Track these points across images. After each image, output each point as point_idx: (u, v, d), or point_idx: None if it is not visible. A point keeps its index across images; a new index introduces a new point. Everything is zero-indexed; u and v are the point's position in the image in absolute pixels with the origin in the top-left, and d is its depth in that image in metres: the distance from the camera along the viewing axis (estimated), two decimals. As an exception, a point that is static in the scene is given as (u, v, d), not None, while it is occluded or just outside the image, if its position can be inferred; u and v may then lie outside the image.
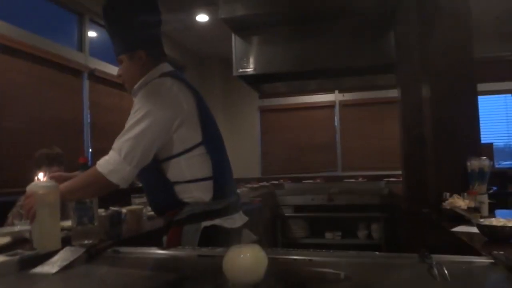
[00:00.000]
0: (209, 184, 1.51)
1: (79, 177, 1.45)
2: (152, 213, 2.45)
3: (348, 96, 5.78)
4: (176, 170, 1.49)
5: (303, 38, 3.46)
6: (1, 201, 2.66)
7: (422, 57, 2.49)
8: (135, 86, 1.56)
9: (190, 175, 1.50)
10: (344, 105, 5.81)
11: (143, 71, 1.56)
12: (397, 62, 3.17)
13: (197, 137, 1.50)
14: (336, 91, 5.71)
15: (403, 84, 3.11)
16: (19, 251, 1.29)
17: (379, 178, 4.95)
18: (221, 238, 1.48)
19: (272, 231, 4.32)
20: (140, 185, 1.66)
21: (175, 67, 1.68)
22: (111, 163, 1.39)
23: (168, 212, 1.54)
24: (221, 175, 1.55)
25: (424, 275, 0.95)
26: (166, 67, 1.60)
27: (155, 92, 1.48)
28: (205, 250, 1.31)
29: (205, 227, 1.48)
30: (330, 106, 5.85)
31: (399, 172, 3.39)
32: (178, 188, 1.50)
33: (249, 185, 4.82)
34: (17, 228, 1.80)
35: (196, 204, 1.50)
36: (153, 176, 1.53)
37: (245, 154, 5.92)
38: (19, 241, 1.64)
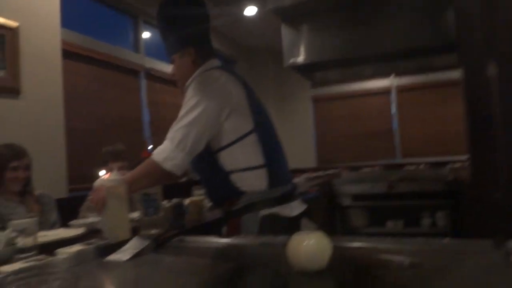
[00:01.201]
0: (263, 172, 1.52)
1: (138, 168, 1.51)
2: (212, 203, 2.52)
3: (405, 80, 5.55)
4: (231, 159, 1.52)
5: (355, 22, 3.36)
6: (73, 197, 2.85)
7: (487, 33, 2.33)
8: (187, 83, 1.59)
9: (244, 163, 1.52)
10: (401, 89, 5.59)
11: (193, 67, 1.60)
12: (458, 40, 2.99)
13: (249, 125, 1.52)
14: (392, 76, 5.50)
15: (467, 63, 2.93)
16: (93, 240, 1.37)
17: (443, 164, 4.71)
18: (280, 226, 1.49)
19: (330, 221, 4.27)
20: (198, 178, 1.70)
21: (226, 61, 1.71)
22: (165, 151, 1.44)
23: (226, 202, 1.57)
24: (274, 162, 1.55)
25: (500, 262, 0.90)
26: (215, 62, 1.63)
27: (205, 83, 1.52)
28: (267, 239, 1.32)
29: (264, 216, 1.49)
30: (386, 91, 5.66)
31: (465, 157, 3.21)
32: (234, 177, 1.52)
33: (306, 175, 4.80)
34: (89, 220, 1.92)
35: (253, 193, 1.51)
36: (209, 167, 1.56)
37: (300, 144, 5.88)
38: (92, 232, 1.76)
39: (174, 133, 1.46)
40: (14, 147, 2.13)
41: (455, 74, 3.76)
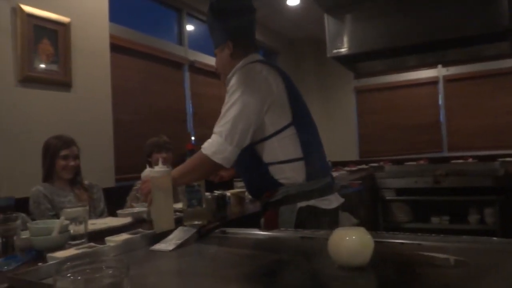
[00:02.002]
0: (301, 164, 1.54)
1: (187, 162, 1.56)
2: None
3: (453, 70, 5.31)
4: (270, 151, 1.54)
5: (400, 10, 3.25)
6: (120, 186, 2.97)
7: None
8: (228, 76, 1.63)
9: (283, 156, 1.53)
10: (448, 80, 5.36)
11: (233, 61, 1.63)
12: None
13: (288, 118, 1.54)
14: (439, 66, 5.27)
15: (521, 52, 2.77)
16: (140, 230, 1.43)
17: (493, 158, 4.50)
18: (317, 219, 1.51)
19: (373, 215, 4.20)
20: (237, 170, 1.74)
21: (269, 52, 1.72)
22: (214, 145, 1.47)
23: (265, 194, 1.59)
24: (311, 155, 1.56)
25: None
26: (256, 56, 1.65)
27: (246, 77, 1.54)
28: (307, 232, 1.33)
29: (301, 208, 1.51)
30: (433, 82, 5.44)
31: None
32: (272, 169, 1.54)
33: (347, 168, 4.73)
34: (135, 210, 2.00)
35: (291, 185, 1.53)
36: (248, 159, 1.58)
37: (342, 137, 5.80)
38: (138, 221, 1.83)
39: (221, 127, 1.48)
40: (63, 137, 2.24)
41: (507, 64, 3.57)
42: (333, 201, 1.58)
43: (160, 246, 1.21)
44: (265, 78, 1.53)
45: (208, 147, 1.48)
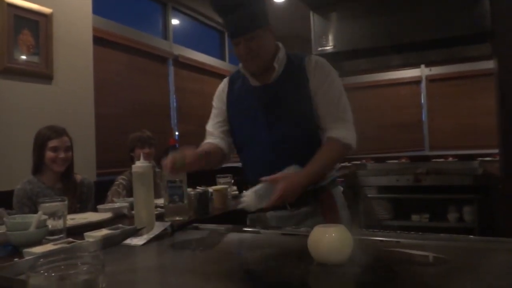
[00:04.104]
0: None
1: (326, 154, 1.47)
2: (236, 192, 2.54)
3: (435, 71, 5.38)
4: None
5: (385, 10, 3.28)
6: (101, 181, 2.93)
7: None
8: (275, 62, 1.54)
9: None
10: (431, 80, 5.43)
11: (273, 46, 1.57)
12: (493, 29, 2.88)
13: None
14: (422, 66, 5.35)
15: (501, 53, 2.82)
16: (120, 225, 1.41)
17: (472, 157, 4.58)
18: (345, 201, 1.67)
19: (354, 212, 4.24)
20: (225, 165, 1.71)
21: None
22: (350, 133, 1.52)
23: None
24: None
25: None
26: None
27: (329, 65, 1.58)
28: (288, 229, 1.33)
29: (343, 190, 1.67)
30: (415, 81, 5.51)
31: (495, 151, 3.10)
32: None
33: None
34: (116, 205, 1.97)
35: (334, 170, 1.63)
36: (315, 141, 1.56)
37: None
38: (119, 216, 1.81)
39: (347, 115, 1.55)
40: (54, 127, 2.13)
41: (488, 65, 3.62)
42: None
43: (132, 240, 1.20)
44: None
45: (345, 137, 1.49)
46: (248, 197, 1.27)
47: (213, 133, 1.62)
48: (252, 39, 1.47)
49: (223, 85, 1.68)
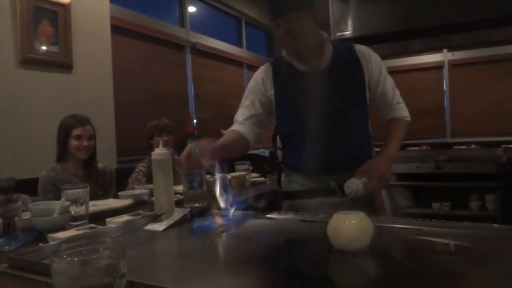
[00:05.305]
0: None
1: (396, 134, 1.66)
2: (254, 179, 2.55)
3: (458, 55, 5.25)
4: (370, 125, 1.78)
5: (406, -7, 3.20)
6: (122, 168, 2.98)
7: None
8: (325, 48, 1.53)
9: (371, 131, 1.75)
10: (454, 65, 5.30)
11: (316, 31, 1.53)
12: (520, 12, 2.78)
13: None
14: (445, 50, 5.21)
15: (528, 37, 2.72)
16: (140, 211, 1.43)
17: (496, 144, 4.47)
18: None
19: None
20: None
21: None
22: (406, 109, 1.70)
23: (358, 164, 1.54)
24: None
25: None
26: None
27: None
28: (306, 216, 1.33)
29: None
30: (437, 67, 5.39)
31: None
32: (371, 142, 1.75)
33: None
34: (137, 191, 2.00)
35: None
36: (365, 127, 1.73)
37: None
38: (139, 203, 1.84)
39: (399, 96, 1.72)
40: (77, 116, 2.18)
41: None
42: None
43: (152, 226, 1.22)
44: None
45: (408, 114, 1.70)
46: (355, 184, 1.35)
47: (242, 122, 1.59)
48: (293, 20, 1.43)
49: (264, 73, 1.61)
